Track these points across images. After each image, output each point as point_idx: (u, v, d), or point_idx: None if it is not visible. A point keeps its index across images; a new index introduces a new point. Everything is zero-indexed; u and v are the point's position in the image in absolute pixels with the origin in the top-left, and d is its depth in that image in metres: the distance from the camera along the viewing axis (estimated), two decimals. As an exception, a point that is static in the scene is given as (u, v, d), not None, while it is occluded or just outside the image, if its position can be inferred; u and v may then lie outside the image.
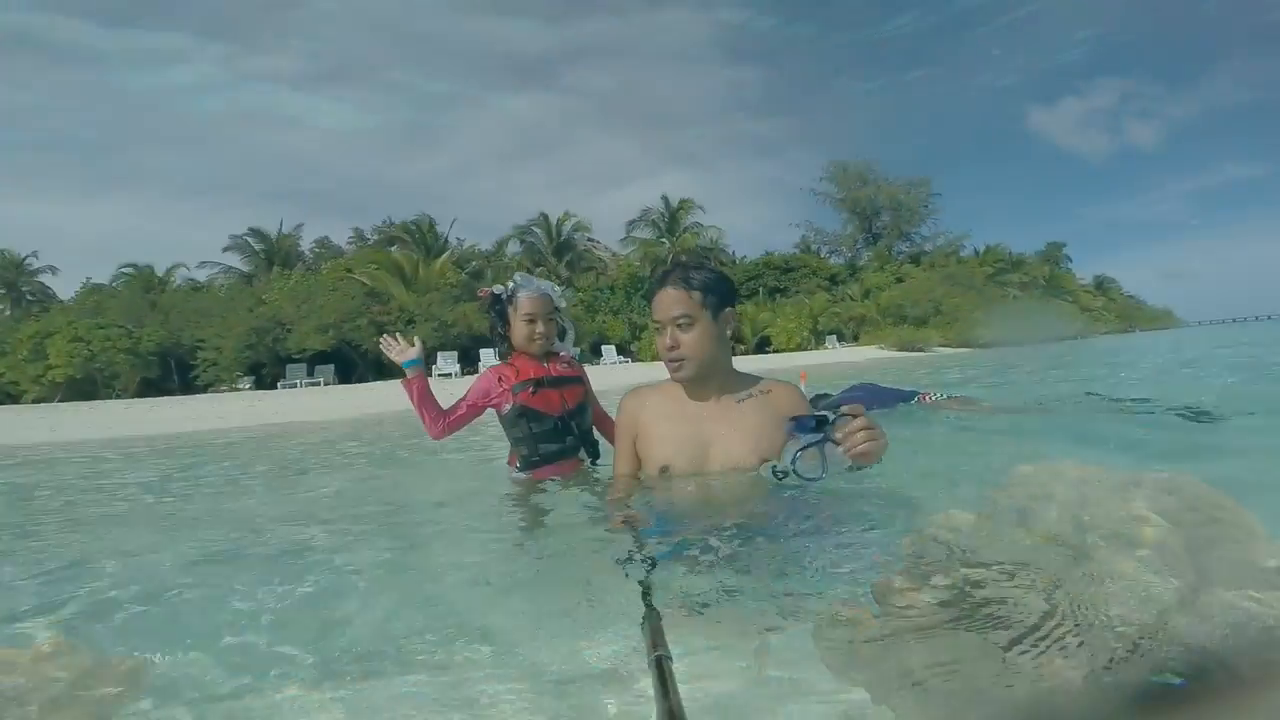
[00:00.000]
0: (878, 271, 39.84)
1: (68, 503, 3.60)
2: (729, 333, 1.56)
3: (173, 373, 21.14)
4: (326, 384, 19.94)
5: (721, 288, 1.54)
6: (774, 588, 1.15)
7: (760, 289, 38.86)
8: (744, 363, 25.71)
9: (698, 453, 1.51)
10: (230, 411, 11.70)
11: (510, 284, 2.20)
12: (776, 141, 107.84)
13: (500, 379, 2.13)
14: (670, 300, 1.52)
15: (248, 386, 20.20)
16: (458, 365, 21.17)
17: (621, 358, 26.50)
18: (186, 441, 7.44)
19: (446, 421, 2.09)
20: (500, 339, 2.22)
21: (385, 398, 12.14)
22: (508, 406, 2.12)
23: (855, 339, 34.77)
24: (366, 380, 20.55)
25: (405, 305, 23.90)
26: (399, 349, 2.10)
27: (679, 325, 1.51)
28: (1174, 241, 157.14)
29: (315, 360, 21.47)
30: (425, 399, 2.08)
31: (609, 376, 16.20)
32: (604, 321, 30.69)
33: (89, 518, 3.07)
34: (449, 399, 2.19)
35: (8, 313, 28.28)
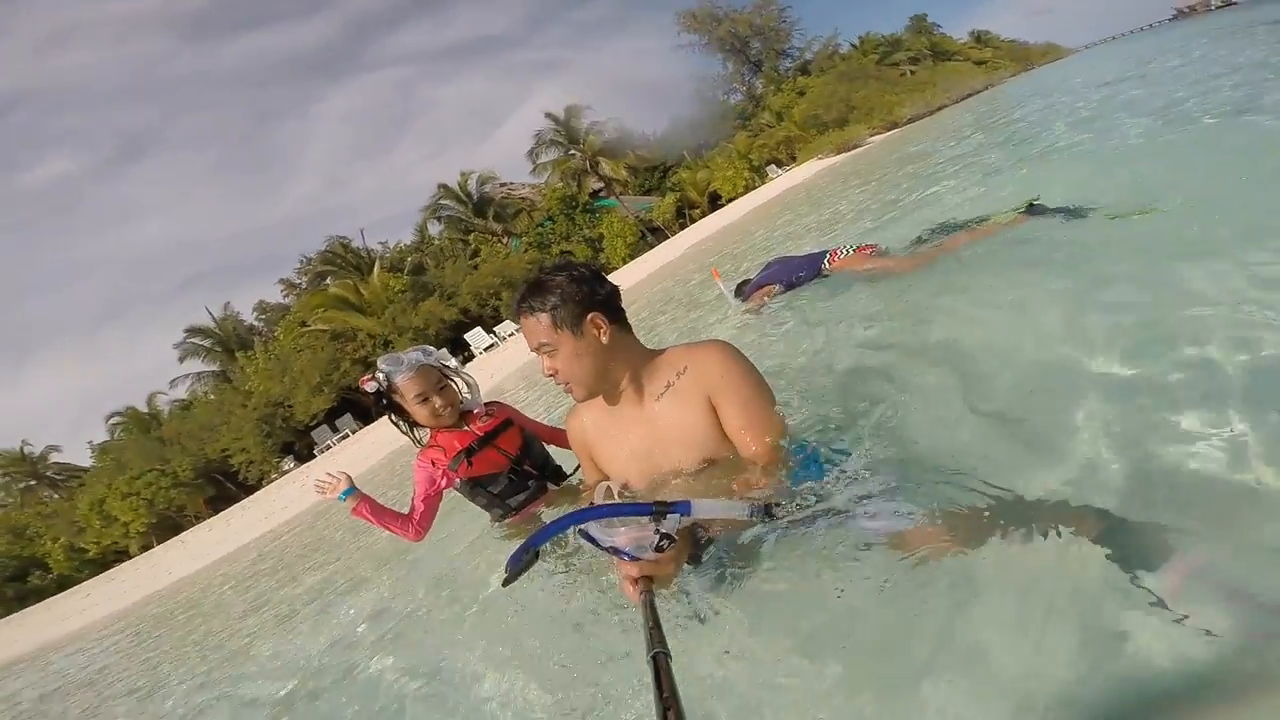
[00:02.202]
0: (778, 94, 39.40)
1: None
2: (604, 338, 1.36)
3: (226, 482, 22.79)
4: (353, 432, 21.04)
5: (573, 296, 1.36)
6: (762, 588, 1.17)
7: (684, 154, 38.97)
8: (705, 225, 26.25)
9: (645, 465, 1.40)
10: (290, 499, 13.37)
11: (380, 375, 2.00)
12: (613, 18, 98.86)
13: (434, 463, 2.00)
14: (527, 331, 1.40)
15: (291, 465, 21.61)
16: (454, 359, 20.84)
17: (600, 277, 26.30)
18: (261, 547, 9.12)
19: (414, 524, 2.01)
20: (410, 426, 2.04)
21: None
22: (457, 483, 2.04)
23: (793, 159, 35.18)
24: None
25: (372, 331, 23.94)
26: (330, 485, 1.99)
27: (545, 353, 1.39)
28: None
29: (332, 415, 22.46)
30: (380, 515, 2.00)
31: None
32: (562, 250, 30.83)
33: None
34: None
35: (56, 497, 29.82)
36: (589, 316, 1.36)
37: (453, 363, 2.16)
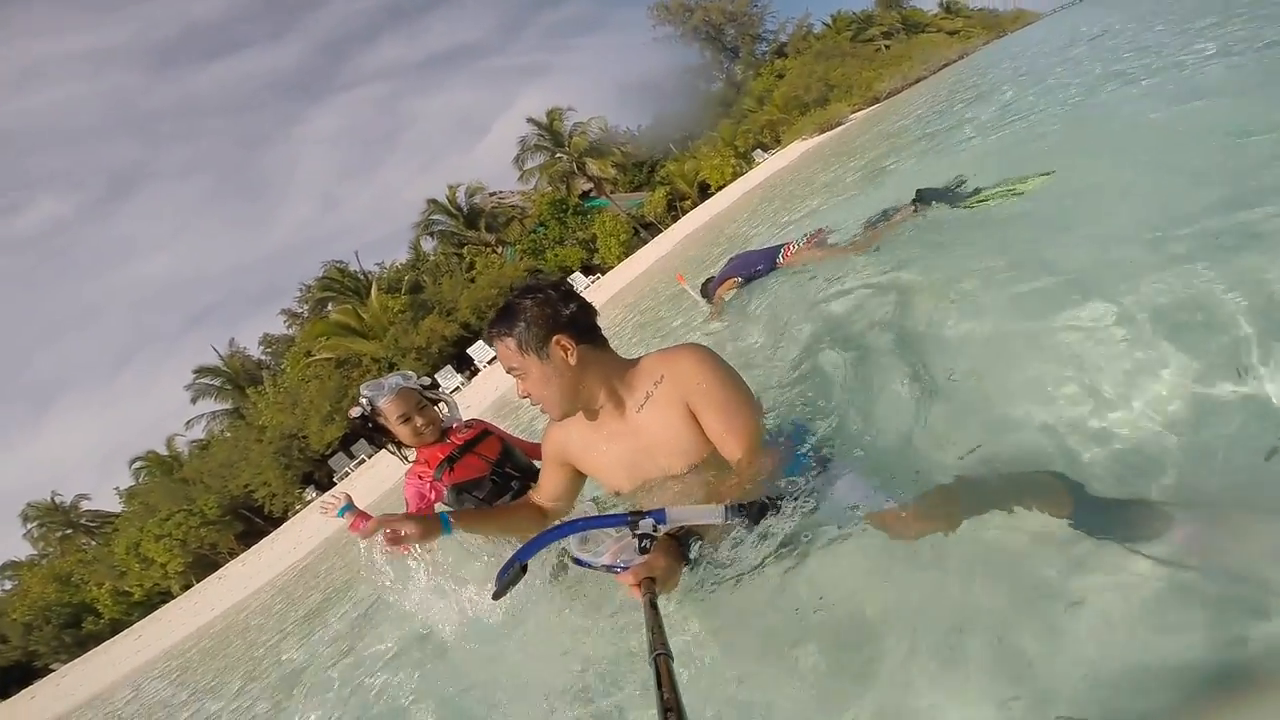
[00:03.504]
0: (757, 78, 39.61)
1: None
2: (571, 360, 1.36)
3: (253, 516, 23.48)
4: (369, 457, 21.45)
5: (537, 319, 1.36)
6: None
7: (670, 146, 39.26)
8: (694, 216, 27.02)
9: (634, 473, 1.44)
10: (315, 528, 13.92)
11: (363, 400, 2.13)
12: (588, 17, 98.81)
13: (420, 477, 2.14)
14: (499, 355, 1.42)
15: (313, 495, 22.22)
16: (460, 376, 21.25)
17: (591, 278, 25.84)
18: (289, 575, 9.79)
19: None
20: (396, 446, 2.19)
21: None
22: (445, 492, 2.13)
23: (778, 142, 35.36)
24: (395, 435, 22.24)
25: (375, 355, 24.01)
26: (331, 506, 2.09)
27: (516, 376, 1.41)
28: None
29: (347, 442, 22.83)
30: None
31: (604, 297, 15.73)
32: (557, 254, 31.03)
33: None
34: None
35: (93, 543, 30.69)
36: (554, 339, 1.36)
37: (455, 381, 2.45)
